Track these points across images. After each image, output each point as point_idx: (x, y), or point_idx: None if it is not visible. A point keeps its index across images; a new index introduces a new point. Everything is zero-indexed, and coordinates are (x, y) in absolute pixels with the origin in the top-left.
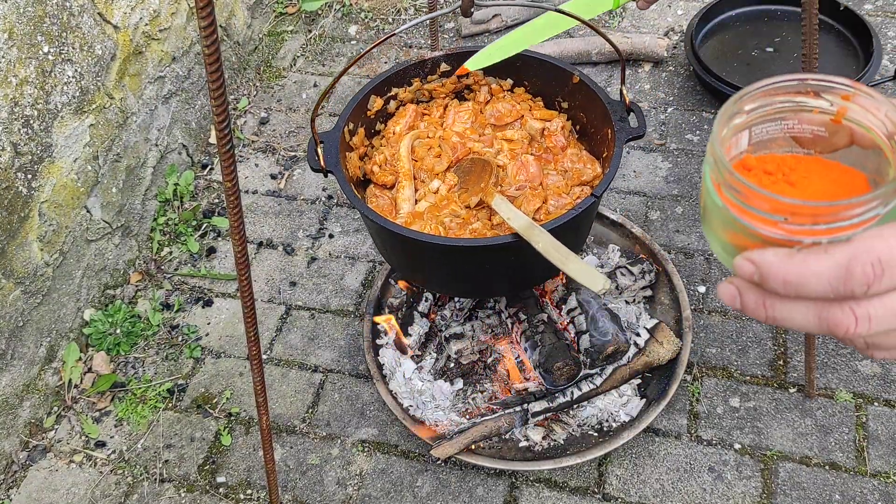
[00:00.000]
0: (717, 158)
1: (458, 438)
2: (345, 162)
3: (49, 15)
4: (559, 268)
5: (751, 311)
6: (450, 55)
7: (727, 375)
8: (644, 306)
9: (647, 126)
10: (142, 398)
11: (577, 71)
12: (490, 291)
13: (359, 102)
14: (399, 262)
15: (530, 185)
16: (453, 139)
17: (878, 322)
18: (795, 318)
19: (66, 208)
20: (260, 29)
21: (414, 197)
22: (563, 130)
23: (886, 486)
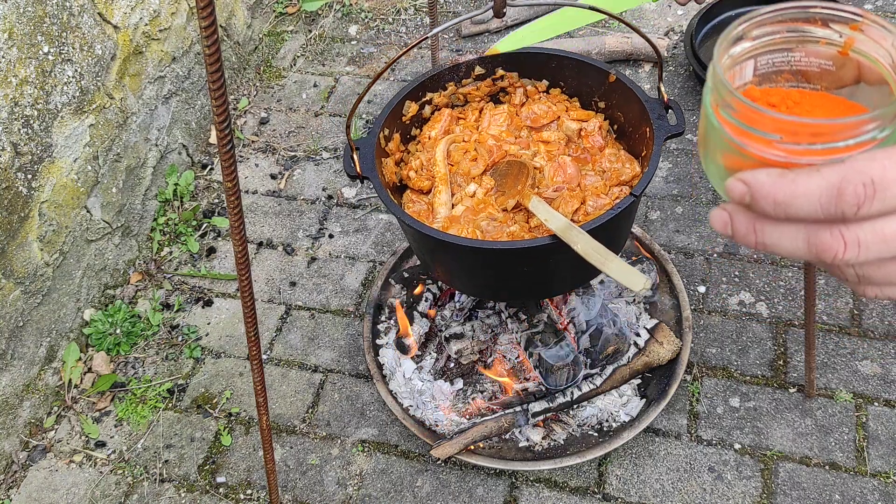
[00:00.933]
0: (717, 78)
1: (458, 438)
2: (381, 168)
3: (49, 15)
4: (599, 268)
5: (741, 236)
6: (484, 58)
7: (727, 375)
8: (644, 306)
9: (685, 123)
10: (142, 398)
11: (614, 70)
12: (529, 294)
13: (394, 108)
14: (437, 268)
15: (568, 187)
16: (489, 142)
17: (867, 249)
18: (784, 242)
19: (66, 208)
20: (260, 29)
21: (451, 201)
22: (600, 130)
23: (886, 486)
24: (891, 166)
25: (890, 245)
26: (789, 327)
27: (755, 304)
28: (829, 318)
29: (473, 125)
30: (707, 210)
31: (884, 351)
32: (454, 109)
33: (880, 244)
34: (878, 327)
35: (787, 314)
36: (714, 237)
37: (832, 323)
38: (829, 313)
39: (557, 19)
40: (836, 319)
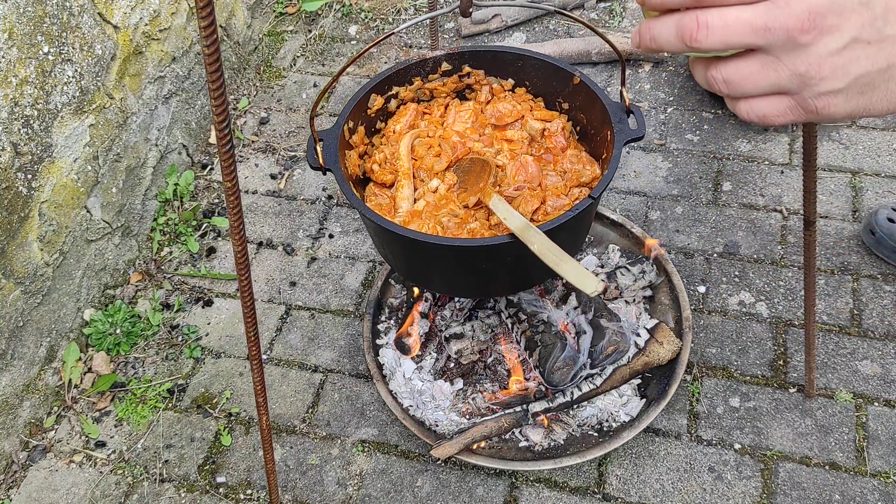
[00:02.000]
0: None
1: (458, 438)
2: (344, 160)
3: (49, 15)
4: (553, 269)
5: (642, 37)
6: (451, 55)
7: (727, 375)
8: (644, 306)
9: (646, 128)
10: (142, 398)
11: (578, 72)
12: (488, 291)
13: (359, 101)
14: (397, 262)
15: (529, 186)
16: (453, 138)
17: (713, 31)
18: (663, 32)
19: (66, 208)
20: (260, 29)
21: (413, 196)
22: (563, 131)
23: (886, 486)
24: None
25: (730, 29)
26: (789, 327)
27: (755, 304)
28: (829, 318)
29: (438, 121)
30: (707, 210)
31: (884, 351)
32: (420, 104)
33: (723, 28)
34: (878, 327)
35: (787, 314)
36: (714, 237)
37: (832, 323)
38: (829, 313)
39: None
40: (836, 319)
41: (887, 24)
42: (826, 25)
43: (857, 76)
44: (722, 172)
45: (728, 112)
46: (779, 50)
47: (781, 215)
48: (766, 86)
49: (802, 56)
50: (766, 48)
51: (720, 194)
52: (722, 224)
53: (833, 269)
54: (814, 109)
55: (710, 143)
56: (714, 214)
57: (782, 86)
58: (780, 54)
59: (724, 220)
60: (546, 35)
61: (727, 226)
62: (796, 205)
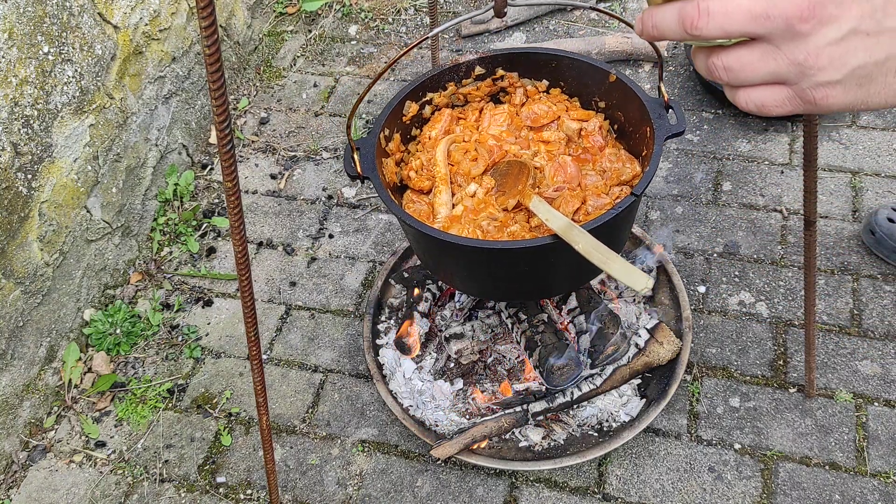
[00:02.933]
0: None
1: (458, 438)
2: (381, 168)
3: (49, 15)
4: (600, 268)
5: (644, 25)
6: (484, 58)
7: (727, 375)
8: (644, 306)
9: (685, 123)
10: (142, 398)
11: (614, 70)
12: (530, 294)
13: (394, 108)
14: (438, 267)
15: (569, 187)
16: (489, 142)
17: (714, 18)
18: (666, 19)
19: (66, 208)
20: (260, 29)
21: (451, 201)
22: (600, 130)
23: (886, 486)
24: None
25: (730, 17)
26: (789, 327)
27: (755, 304)
28: (829, 318)
29: (474, 125)
30: (707, 210)
31: (884, 351)
32: (454, 109)
33: (724, 15)
34: (878, 327)
35: (787, 314)
36: (714, 237)
37: (832, 323)
38: (829, 313)
39: None
40: (836, 319)
41: (886, 17)
42: (825, 15)
43: (854, 67)
44: (722, 172)
45: (728, 112)
46: (778, 39)
47: (781, 215)
48: (764, 74)
49: (801, 45)
50: (766, 37)
51: (720, 194)
52: (722, 224)
53: (833, 269)
54: (812, 100)
55: (710, 143)
56: (714, 214)
57: (781, 75)
58: (779, 43)
59: (724, 220)
60: (546, 35)
61: (727, 226)
62: (796, 205)
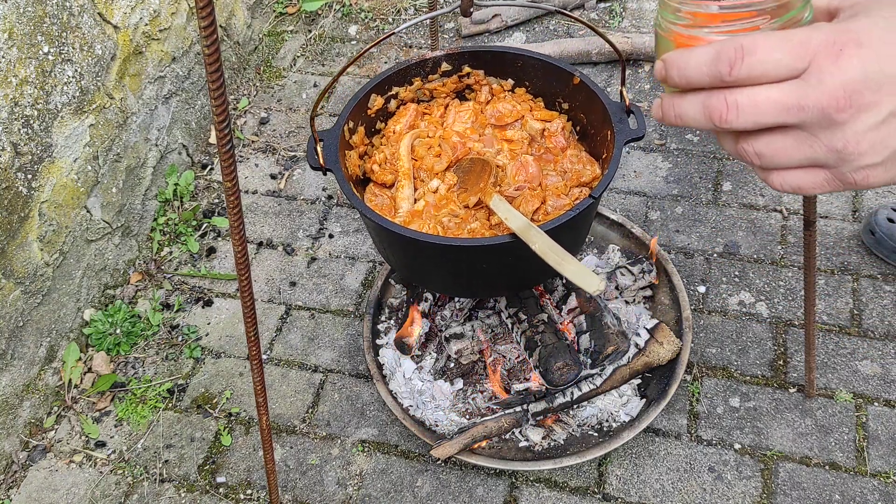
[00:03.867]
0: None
1: (458, 438)
2: (344, 160)
3: (49, 15)
4: (555, 269)
5: (665, 112)
6: (451, 55)
7: (727, 375)
8: (644, 306)
9: (646, 127)
10: (142, 398)
11: (578, 72)
12: (489, 291)
13: (359, 101)
14: (397, 262)
15: (529, 186)
16: (453, 139)
17: (743, 111)
18: (689, 111)
19: (66, 208)
20: (260, 29)
21: (413, 196)
22: (563, 131)
23: (886, 486)
24: (761, 38)
25: (761, 109)
26: (789, 327)
27: (755, 304)
28: (829, 318)
29: (438, 121)
30: (707, 210)
31: (884, 351)
32: (420, 105)
33: (753, 108)
34: (878, 327)
35: (787, 314)
36: (714, 237)
37: (832, 323)
38: (829, 313)
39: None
40: (836, 319)
41: None
42: (863, 103)
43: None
44: (722, 172)
45: None
46: (814, 127)
47: (781, 215)
48: (800, 160)
49: (839, 133)
50: (800, 125)
51: (720, 194)
52: (722, 224)
53: (833, 269)
54: (852, 182)
55: (710, 143)
56: (714, 214)
57: (818, 160)
58: (815, 131)
59: (724, 220)
60: (546, 35)
61: (727, 226)
62: (796, 205)
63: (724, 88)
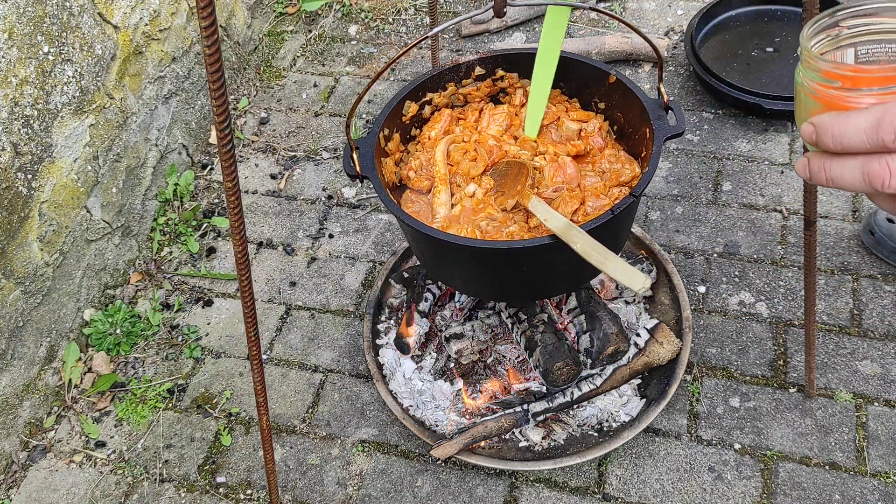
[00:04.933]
0: (802, 42)
1: (458, 438)
2: (380, 168)
3: (49, 15)
4: (598, 268)
5: (815, 174)
6: (484, 58)
7: (727, 375)
8: (644, 306)
9: (685, 124)
10: (142, 398)
11: (614, 70)
12: (529, 294)
13: (394, 108)
14: (437, 267)
15: (568, 187)
16: (489, 142)
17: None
18: (845, 175)
19: (66, 208)
20: (260, 29)
21: (450, 201)
22: (600, 131)
23: (886, 486)
24: None
25: None
26: (789, 327)
27: (755, 304)
28: (829, 318)
29: (473, 125)
30: (707, 210)
31: (884, 351)
32: (454, 110)
33: None
34: (878, 327)
35: (787, 314)
36: (714, 237)
37: (832, 323)
38: (829, 313)
39: (550, 38)
40: (836, 319)
41: None
42: None
43: None
44: (722, 172)
45: (728, 112)
46: None
47: (781, 215)
48: None
49: None
50: None
51: (720, 194)
52: (722, 224)
53: (833, 269)
54: None
55: (710, 143)
56: (714, 214)
57: None
58: None
59: (724, 220)
60: None
61: (727, 226)
62: (796, 205)
63: (883, 153)
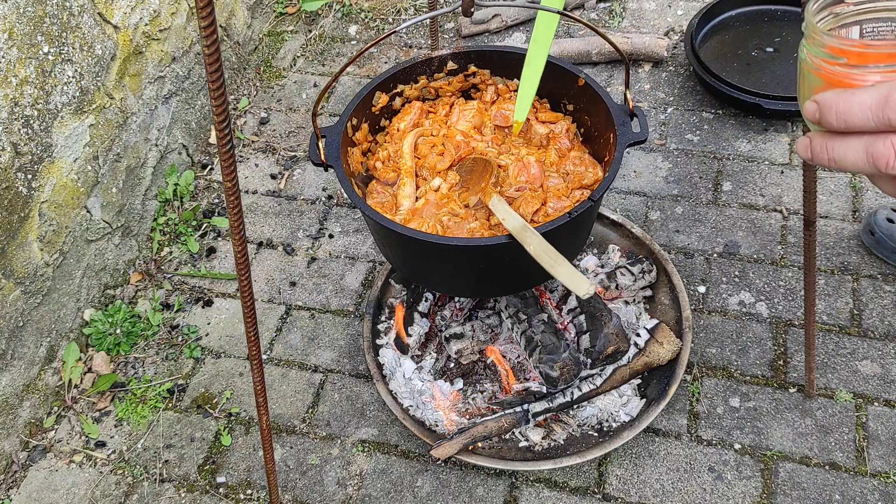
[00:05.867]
0: (806, 17)
1: (458, 438)
2: (346, 157)
3: (49, 15)
4: (547, 270)
5: (817, 154)
6: (457, 54)
7: (727, 375)
8: (644, 306)
9: (649, 130)
10: (142, 398)
11: (583, 73)
12: (487, 291)
13: (363, 98)
14: (397, 260)
15: (531, 187)
16: (457, 138)
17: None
18: (849, 154)
19: (66, 208)
20: (260, 29)
21: (415, 194)
22: (567, 133)
23: (886, 486)
24: None
25: None
26: (789, 327)
27: (755, 304)
28: (829, 318)
29: (443, 120)
30: (707, 210)
31: (884, 351)
32: (425, 103)
33: None
34: (878, 327)
35: (787, 314)
36: (714, 237)
37: (832, 323)
38: (829, 313)
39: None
40: (836, 319)
41: None
42: None
43: None
44: (722, 172)
45: (728, 112)
46: None
47: (781, 215)
48: None
49: None
50: None
51: (720, 194)
52: (722, 224)
53: (833, 269)
54: None
55: (710, 143)
56: (714, 214)
57: None
58: None
59: (724, 220)
60: None
61: (727, 226)
62: (796, 205)
63: (888, 133)
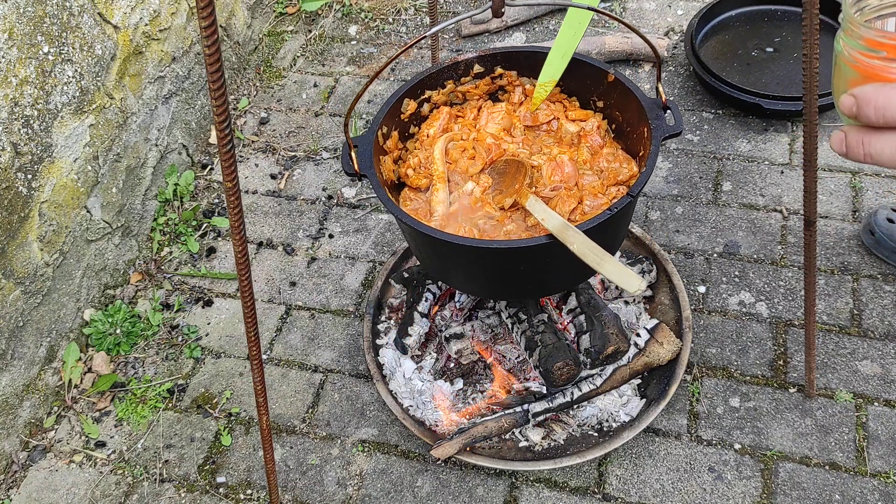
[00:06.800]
0: (844, 9)
1: (458, 438)
2: (378, 166)
3: (49, 15)
4: (594, 268)
5: (853, 149)
6: (483, 56)
7: (727, 375)
8: (644, 306)
9: (683, 124)
10: (142, 398)
11: (612, 69)
12: (526, 293)
13: (392, 106)
14: (434, 265)
15: (565, 186)
16: (487, 141)
17: None
18: (885, 150)
19: (66, 208)
20: (260, 29)
21: (448, 199)
22: (598, 130)
23: (886, 486)
24: None
25: None
26: (789, 327)
27: (755, 304)
28: (829, 318)
29: (472, 123)
30: (707, 210)
31: (884, 351)
32: (453, 107)
33: None
34: (878, 327)
35: (787, 314)
36: (714, 237)
37: (832, 323)
38: (829, 313)
39: (569, 32)
40: (836, 319)
41: None
42: None
43: None
44: (722, 172)
45: (728, 112)
46: None
47: (781, 215)
48: None
49: None
50: None
51: (720, 194)
52: (722, 224)
53: (833, 269)
54: None
55: (710, 143)
56: (714, 214)
57: None
58: None
59: (724, 220)
60: (546, 35)
61: (727, 226)
62: (796, 205)
63: None
